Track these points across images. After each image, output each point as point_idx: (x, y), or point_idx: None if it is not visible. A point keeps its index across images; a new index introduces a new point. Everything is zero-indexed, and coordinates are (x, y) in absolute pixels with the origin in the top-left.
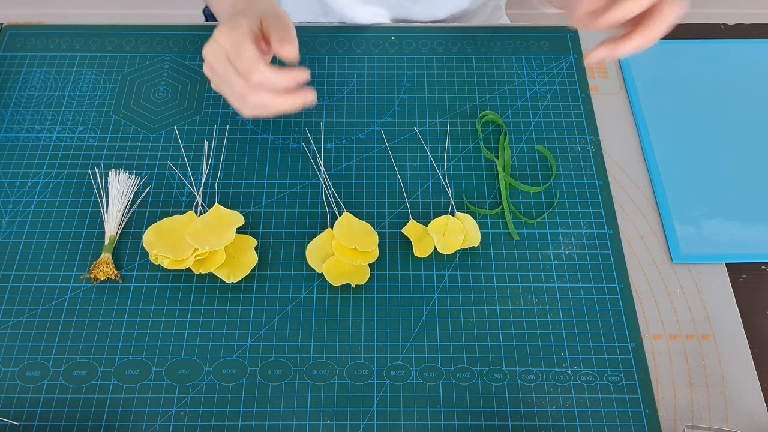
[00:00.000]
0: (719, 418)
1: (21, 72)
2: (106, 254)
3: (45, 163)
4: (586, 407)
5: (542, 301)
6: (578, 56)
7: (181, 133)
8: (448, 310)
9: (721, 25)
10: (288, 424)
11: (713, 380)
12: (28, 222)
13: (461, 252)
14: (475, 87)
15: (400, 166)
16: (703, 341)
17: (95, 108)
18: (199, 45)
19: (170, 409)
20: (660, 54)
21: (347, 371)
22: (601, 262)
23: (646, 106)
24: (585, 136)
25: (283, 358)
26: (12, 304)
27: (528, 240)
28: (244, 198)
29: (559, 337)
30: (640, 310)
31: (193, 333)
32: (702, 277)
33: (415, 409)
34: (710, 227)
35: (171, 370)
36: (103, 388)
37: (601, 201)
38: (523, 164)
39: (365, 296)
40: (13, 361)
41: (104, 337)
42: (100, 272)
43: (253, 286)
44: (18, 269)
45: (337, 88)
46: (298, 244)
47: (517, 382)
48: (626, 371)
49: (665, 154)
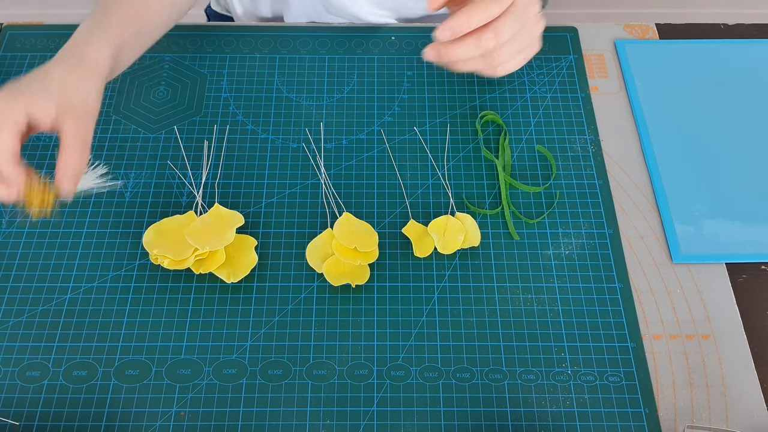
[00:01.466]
0: (719, 418)
1: (21, 72)
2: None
3: (45, 163)
4: (586, 407)
5: (542, 301)
6: (578, 56)
7: (181, 133)
8: (448, 310)
9: (721, 25)
10: (288, 424)
11: (713, 380)
12: (28, 222)
13: (461, 252)
14: (475, 87)
15: (400, 166)
16: (703, 341)
17: None
18: (199, 45)
19: (170, 409)
20: (660, 54)
21: (347, 371)
22: (601, 262)
23: (646, 106)
24: (585, 136)
25: (283, 358)
26: (12, 304)
27: (528, 240)
28: (244, 198)
29: (559, 337)
30: (640, 310)
31: (193, 333)
32: (702, 277)
33: (415, 409)
34: (710, 227)
35: (171, 370)
36: (103, 388)
37: (601, 201)
38: (523, 164)
39: (365, 296)
40: (13, 361)
41: (104, 337)
42: (35, 197)
43: (253, 286)
44: (18, 269)
45: (337, 88)
46: (298, 244)
47: (517, 382)
48: (626, 371)
49: (665, 154)
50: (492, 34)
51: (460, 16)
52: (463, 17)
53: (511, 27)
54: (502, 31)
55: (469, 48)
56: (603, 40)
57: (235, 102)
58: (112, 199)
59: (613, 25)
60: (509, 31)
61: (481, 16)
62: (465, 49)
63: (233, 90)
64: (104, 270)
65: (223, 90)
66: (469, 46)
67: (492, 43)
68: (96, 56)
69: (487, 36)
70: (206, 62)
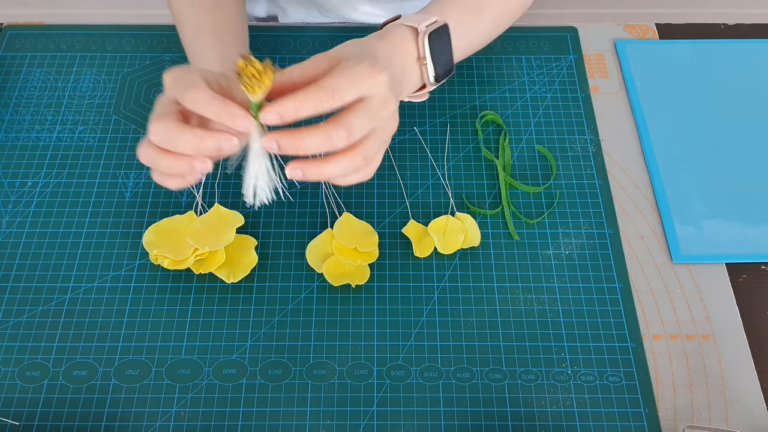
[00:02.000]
0: (719, 418)
1: (21, 72)
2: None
3: (45, 163)
4: (586, 407)
5: (542, 301)
6: (578, 56)
7: None
8: (448, 310)
9: (721, 25)
10: (288, 424)
11: (713, 380)
12: (28, 222)
13: (461, 252)
14: (475, 87)
15: (400, 166)
16: (703, 341)
17: (95, 108)
18: None
19: (170, 409)
20: (660, 54)
21: (347, 371)
22: (601, 262)
23: (646, 106)
24: (585, 136)
25: (283, 358)
26: (12, 304)
27: (528, 240)
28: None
29: (559, 337)
30: (640, 310)
31: (193, 333)
32: (702, 277)
33: (415, 409)
34: (710, 227)
35: (171, 370)
36: (103, 388)
37: (601, 201)
38: (523, 164)
39: (365, 296)
40: (13, 361)
41: (104, 337)
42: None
43: (253, 286)
44: (18, 269)
45: None
46: (298, 244)
47: (517, 382)
48: (626, 371)
49: (665, 154)
50: (344, 132)
51: (288, 100)
52: (291, 102)
53: (362, 124)
54: (348, 123)
55: (318, 141)
56: (603, 40)
57: None
58: (112, 199)
59: (613, 25)
60: (360, 131)
61: (311, 104)
62: (314, 144)
63: None
64: (104, 270)
65: None
66: (318, 138)
67: (343, 143)
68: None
69: (337, 134)
70: None
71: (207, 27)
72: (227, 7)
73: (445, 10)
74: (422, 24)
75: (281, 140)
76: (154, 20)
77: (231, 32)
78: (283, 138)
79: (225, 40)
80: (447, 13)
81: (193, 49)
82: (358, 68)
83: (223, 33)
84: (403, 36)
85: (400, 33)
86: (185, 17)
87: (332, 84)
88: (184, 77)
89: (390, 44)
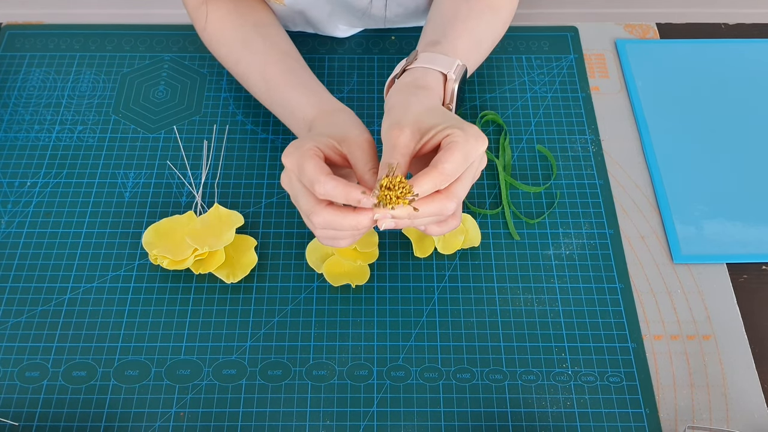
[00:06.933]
0: (720, 419)
1: (20, 72)
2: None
3: (45, 163)
4: (587, 408)
5: (542, 301)
6: (579, 56)
7: (180, 133)
8: (448, 310)
9: (722, 25)
10: (288, 424)
11: (714, 381)
12: (27, 222)
13: (461, 252)
14: (475, 87)
15: None
16: (704, 341)
17: (94, 108)
18: (198, 44)
19: (170, 409)
20: (660, 54)
21: (347, 371)
22: (601, 262)
23: (646, 106)
24: (585, 136)
25: (282, 359)
26: (12, 304)
27: (528, 240)
28: (244, 198)
29: (559, 337)
30: (641, 310)
31: (193, 333)
32: (703, 278)
33: (415, 410)
34: (711, 227)
35: (171, 371)
36: (103, 389)
37: (601, 201)
38: (523, 164)
39: (365, 296)
40: (13, 361)
41: (104, 338)
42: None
43: (253, 287)
44: (18, 269)
45: (337, 88)
46: (298, 244)
47: (517, 382)
48: (627, 371)
49: (665, 154)
50: (454, 204)
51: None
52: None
53: (467, 187)
54: (458, 194)
55: (431, 219)
56: (603, 40)
57: (234, 102)
58: (112, 199)
59: (614, 24)
60: (464, 192)
61: (430, 188)
62: (425, 221)
63: (233, 90)
64: (104, 270)
65: (222, 90)
66: (431, 214)
67: (452, 212)
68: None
69: (449, 206)
70: (206, 62)
71: (277, 71)
72: (277, 39)
73: (456, 46)
74: (450, 71)
75: (399, 223)
76: (153, 20)
77: (296, 59)
78: (401, 222)
79: (301, 75)
80: (459, 48)
81: (278, 101)
82: (466, 146)
83: (294, 69)
84: (436, 82)
85: (434, 80)
86: (243, 68)
87: (451, 170)
88: (304, 165)
89: (435, 94)
